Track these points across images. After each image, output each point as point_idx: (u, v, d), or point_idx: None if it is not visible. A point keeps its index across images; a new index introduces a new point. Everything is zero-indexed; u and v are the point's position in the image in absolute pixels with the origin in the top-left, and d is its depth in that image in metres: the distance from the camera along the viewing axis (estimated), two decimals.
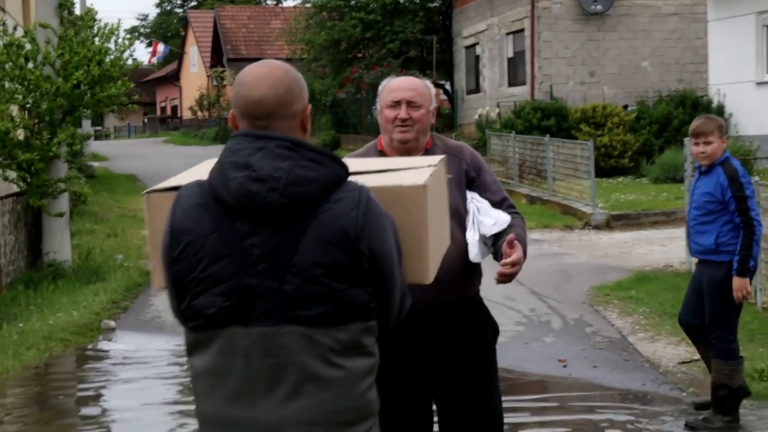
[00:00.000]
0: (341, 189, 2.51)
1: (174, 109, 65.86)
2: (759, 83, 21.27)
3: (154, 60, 61.38)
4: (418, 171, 2.85)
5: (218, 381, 2.52)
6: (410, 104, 3.92)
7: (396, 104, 3.93)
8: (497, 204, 4.01)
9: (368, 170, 2.83)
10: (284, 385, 2.47)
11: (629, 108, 24.21)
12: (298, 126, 2.61)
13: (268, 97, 2.55)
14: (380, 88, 4.06)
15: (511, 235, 3.76)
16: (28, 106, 12.60)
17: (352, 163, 2.74)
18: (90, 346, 9.30)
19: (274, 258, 2.46)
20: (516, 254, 3.73)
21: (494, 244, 3.93)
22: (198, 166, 2.93)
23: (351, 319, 2.49)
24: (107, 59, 12.87)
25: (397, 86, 3.98)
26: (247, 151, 2.50)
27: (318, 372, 2.47)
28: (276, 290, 2.46)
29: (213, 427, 2.55)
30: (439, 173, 2.94)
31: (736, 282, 6.12)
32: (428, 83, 4.07)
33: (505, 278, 3.76)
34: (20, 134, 12.62)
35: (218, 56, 52.67)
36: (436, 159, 3.02)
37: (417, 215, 2.70)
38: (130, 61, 13.42)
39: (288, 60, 39.20)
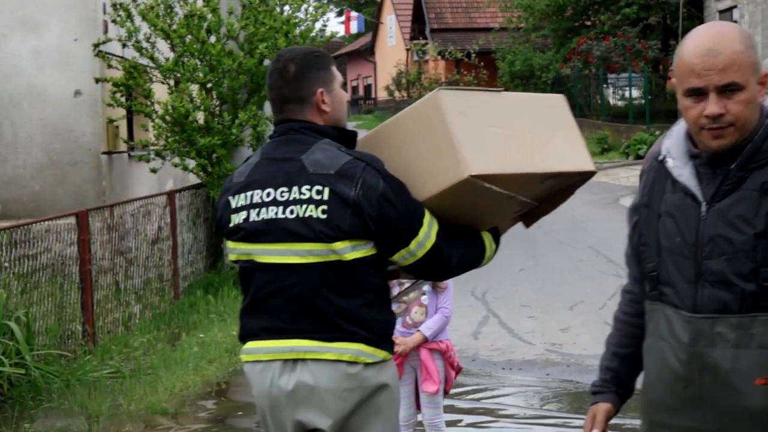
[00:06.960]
0: None
1: (367, 88, 66.92)
2: None
3: (352, 27, 62.19)
4: None
5: None
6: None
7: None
8: None
9: None
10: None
11: None
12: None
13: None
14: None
15: None
16: (209, 85, 13.05)
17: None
18: None
19: None
20: None
21: None
22: None
23: None
24: (296, 31, 13.23)
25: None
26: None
27: None
28: None
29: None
30: None
31: None
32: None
33: None
34: (199, 117, 13.09)
35: (420, 27, 53.17)
36: None
37: None
38: (325, 32, 13.76)
39: (502, 30, 39.30)
